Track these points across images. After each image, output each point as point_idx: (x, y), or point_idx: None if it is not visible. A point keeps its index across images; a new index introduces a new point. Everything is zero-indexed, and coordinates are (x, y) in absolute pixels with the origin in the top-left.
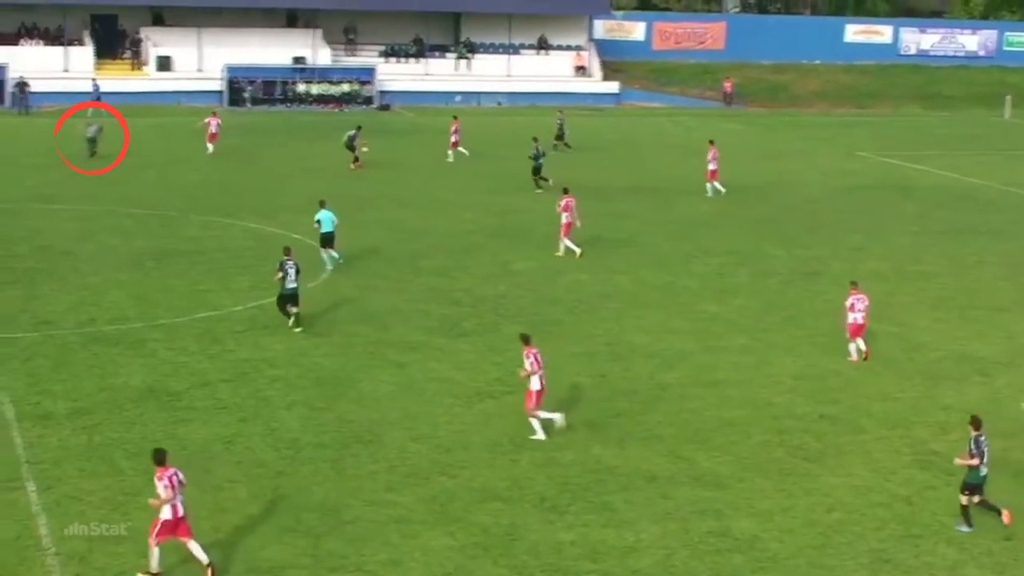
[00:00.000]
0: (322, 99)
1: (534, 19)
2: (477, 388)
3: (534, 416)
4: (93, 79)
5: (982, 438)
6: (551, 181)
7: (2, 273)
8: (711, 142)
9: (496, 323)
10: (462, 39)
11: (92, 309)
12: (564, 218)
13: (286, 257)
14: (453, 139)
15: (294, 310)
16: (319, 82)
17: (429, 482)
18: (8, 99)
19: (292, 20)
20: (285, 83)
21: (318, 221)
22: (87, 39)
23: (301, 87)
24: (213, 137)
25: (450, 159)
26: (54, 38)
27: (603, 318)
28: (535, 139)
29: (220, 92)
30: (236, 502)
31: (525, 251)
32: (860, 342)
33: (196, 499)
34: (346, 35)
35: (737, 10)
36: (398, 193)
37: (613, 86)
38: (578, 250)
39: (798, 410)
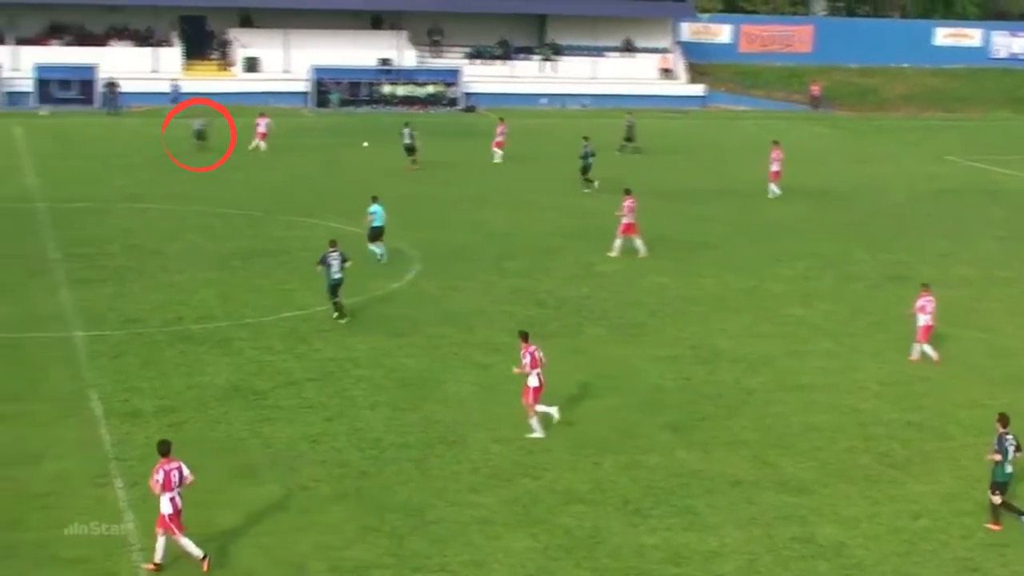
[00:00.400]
0: (407, 100)
1: (619, 21)
2: (561, 390)
3: (533, 414)
4: (173, 81)
5: (1008, 436)
6: (597, 184)
7: (93, 271)
8: (775, 143)
9: (579, 325)
10: (547, 41)
11: (180, 308)
12: (626, 219)
13: (331, 249)
14: (499, 139)
15: (337, 300)
16: (404, 83)
17: (512, 484)
18: (98, 99)
19: (377, 22)
20: (371, 84)
21: (372, 213)
22: (175, 40)
23: (387, 88)
24: (263, 136)
25: (497, 159)
26: (143, 39)
27: (687, 321)
28: (585, 138)
29: (306, 93)
30: (320, 501)
31: (608, 252)
32: (927, 347)
33: (280, 498)
34: (431, 37)
35: (825, 13)
36: (482, 194)
37: (698, 89)
38: (643, 249)
39: (884, 416)
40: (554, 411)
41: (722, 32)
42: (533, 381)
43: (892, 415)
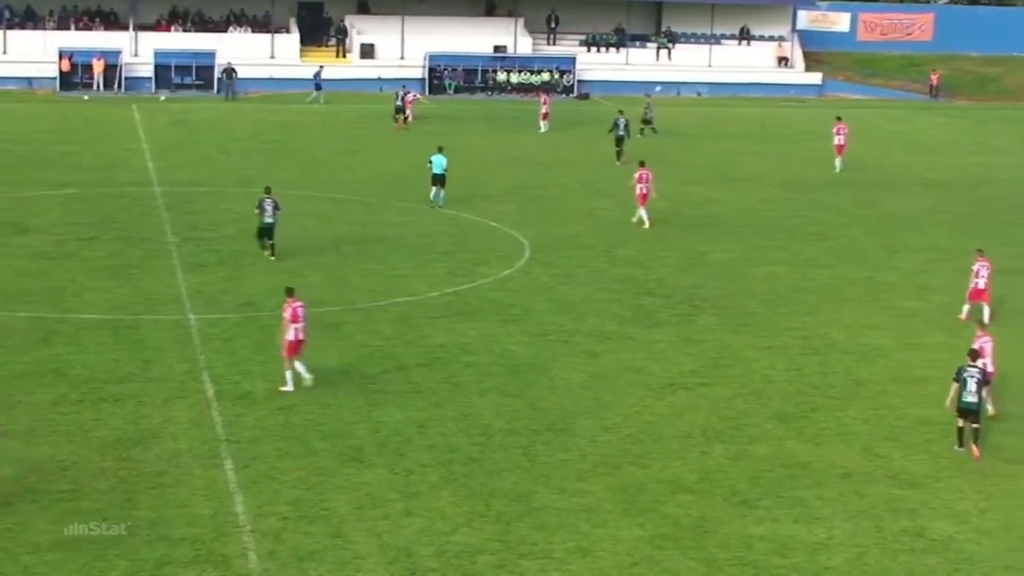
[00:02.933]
0: (522, 88)
1: (737, 9)
2: (670, 379)
3: (288, 367)
4: (320, 66)
5: (968, 369)
6: (621, 161)
7: (209, 255)
8: (838, 118)
9: (690, 314)
10: (663, 29)
11: None
12: (639, 189)
13: (266, 196)
14: (544, 111)
15: (269, 242)
16: (519, 71)
17: (619, 472)
18: (216, 85)
19: (491, 9)
20: (485, 71)
21: (430, 162)
22: (293, 27)
23: (501, 75)
24: (408, 105)
25: (542, 129)
26: (261, 26)
27: (799, 312)
28: (620, 112)
29: (422, 80)
30: (428, 486)
31: (720, 242)
32: (984, 307)
33: (388, 482)
34: (548, 24)
35: (946, 0)
36: (595, 182)
37: (816, 77)
38: (647, 223)
39: (1004, 409)
40: (308, 377)
41: (840, 20)
42: (290, 335)
43: (1007, 409)
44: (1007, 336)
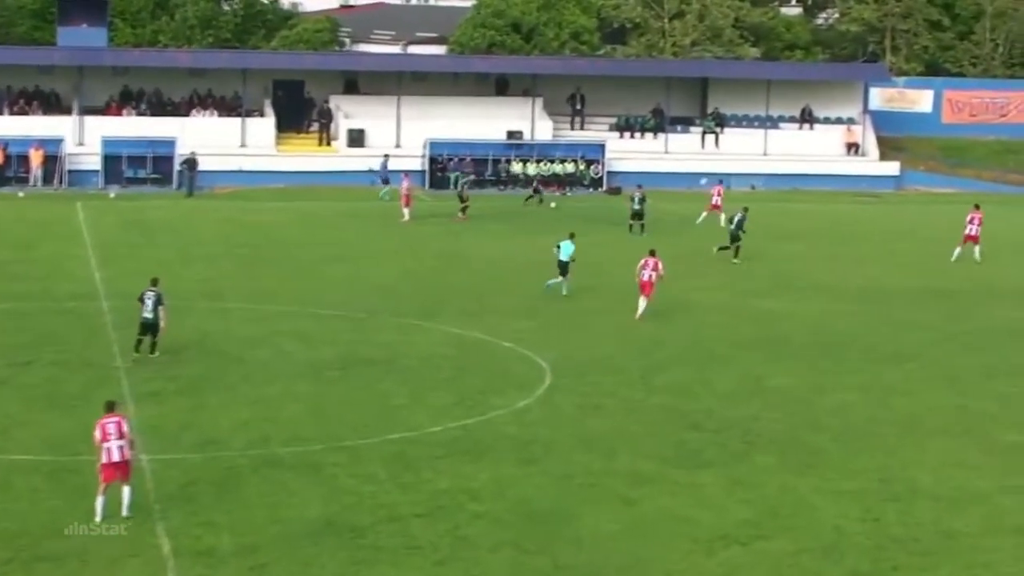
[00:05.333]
0: (542, 181)
1: (797, 86)
2: (722, 531)
3: (101, 493)
4: (385, 155)
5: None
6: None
7: (165, 382)
8: (976, 206)
9: (744, 452)
10: (710, 111)
11: (265, 426)
12: (645, 276)
13: (150, 287)
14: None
15: (142, 338)
16: (538, 160)
17: None
18: (176, 179)
19: (503, 87)
20: (497, 161)
21: (558, 247)
22: (268, 109)
23: (516, 166)
24: (407, 201)
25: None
26: (230, 108)
27: (877, 448)
28: (745, 209)
29: (422, 172)
30: None
31: (782, 364)
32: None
33: None
34: (572, 105)
35: None
36: (634, 293)
37: (893, 167)
38: (640, 311)
39: None
40: (126, 513)
41: (921, 99)
42: (103, 456)
43: None
44: None
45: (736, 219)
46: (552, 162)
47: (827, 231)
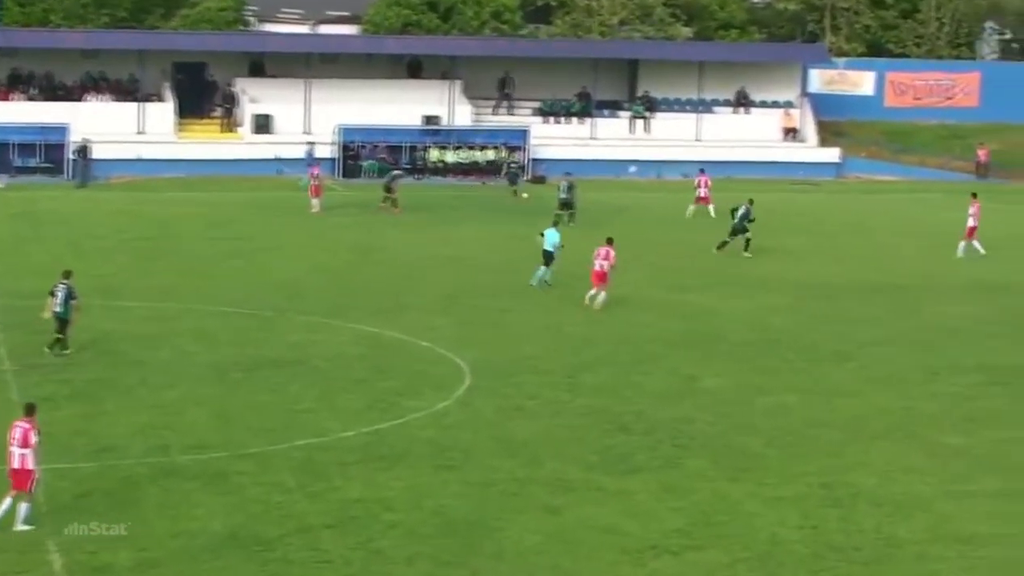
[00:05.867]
0: (460, 169)
1: (731, 68)
2: (651, 541)
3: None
4: (310, 142)
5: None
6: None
7: (59, 386)
8: (974, 195)
9: (677, 457)
10: (640, 94)
11: (165, 433)
12: (597, 265)
13: (61, 280)
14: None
15: (56, 335)
16: (456, 148)
17: None
18: (69, 168)
19: (416, 70)
20: (414, 148)
21: (542, 235)
22: (168, 93)
23: (434, 154)
24: (317, 191)
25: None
26: (127, 92)
27: (816, 452)
28: (750, 201)
29: (333, 160)
30: None
31: (717, 363)
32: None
33: None
34: (501, 89)
35: (995, 56)
36: (557, 289)
37: (833, 153)
38: (597, 302)
39: None
40: (23, 527)
41: (863, 81)
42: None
43: None
44: None
45: (740, 212)
46: (472, 149)
47: (764, 222)
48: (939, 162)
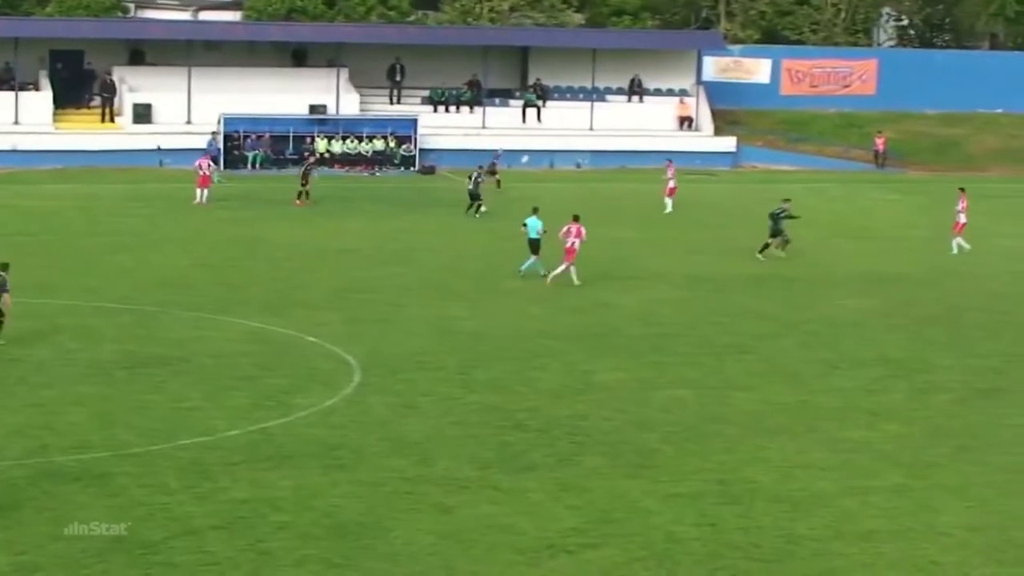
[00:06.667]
0: (347, 160)
1: (625, 56)
2: (547, 540)
3: None
4: (213, 132)
5: None
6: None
7: None
8: (962, 189)
9: (572, 454)
10: (531, 82)
11: (44, 433)
12: (568, 243)
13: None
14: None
15: None
16: (343, 138)
17: None
18: None
19: (301, 58)
20: (300, 138)
21: (524, 225)
22: (44, 82)
23: (320, 144)
24: (205, 182)
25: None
26: (1, 81)
27: (713, 447)
28: (786, 200)
29: (216, 150)
30: None
31: (611, 358)
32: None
33: None
34: (392, 77)
35: (892, 43)
36: (449, 283)
37: (729, 143)
38: (573, 277)
39: (973, 572)
40: None
41: (759, 69)
42: None
43: (983, 571)
44: (978, 477)
45: (777, 213)
46: (359, 139)
47: (656, 213)
48: (836, 151)
